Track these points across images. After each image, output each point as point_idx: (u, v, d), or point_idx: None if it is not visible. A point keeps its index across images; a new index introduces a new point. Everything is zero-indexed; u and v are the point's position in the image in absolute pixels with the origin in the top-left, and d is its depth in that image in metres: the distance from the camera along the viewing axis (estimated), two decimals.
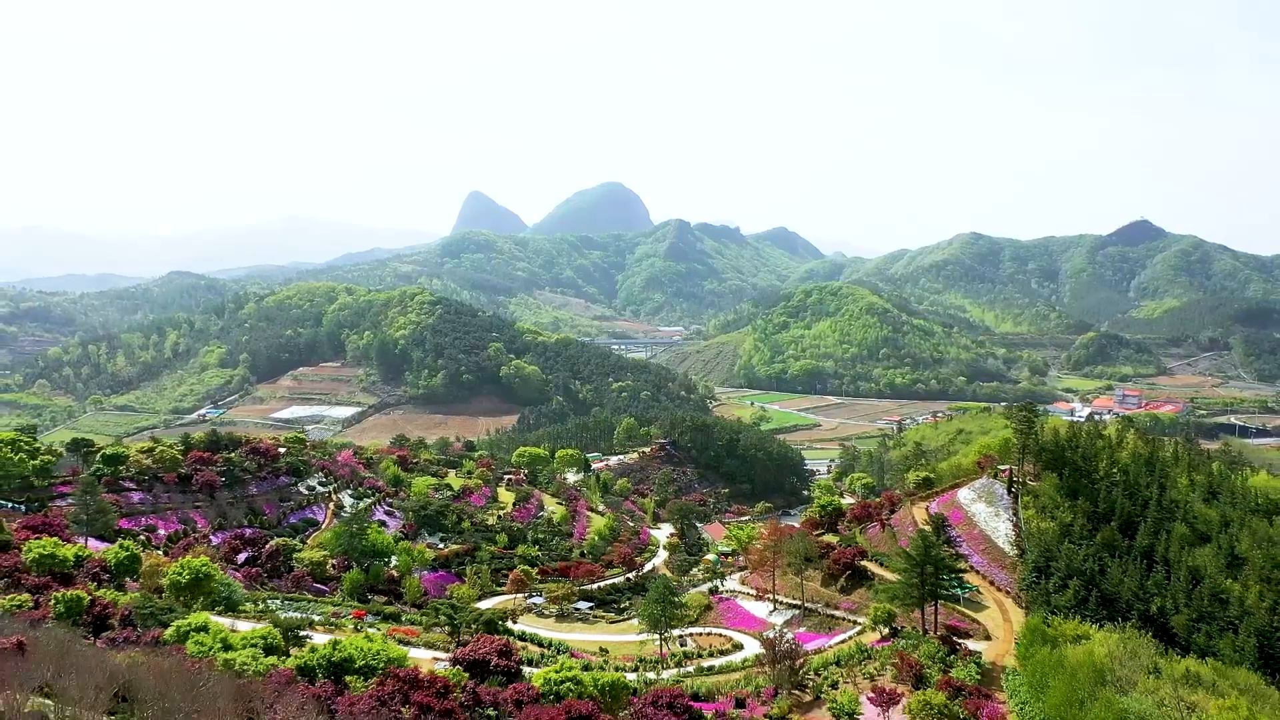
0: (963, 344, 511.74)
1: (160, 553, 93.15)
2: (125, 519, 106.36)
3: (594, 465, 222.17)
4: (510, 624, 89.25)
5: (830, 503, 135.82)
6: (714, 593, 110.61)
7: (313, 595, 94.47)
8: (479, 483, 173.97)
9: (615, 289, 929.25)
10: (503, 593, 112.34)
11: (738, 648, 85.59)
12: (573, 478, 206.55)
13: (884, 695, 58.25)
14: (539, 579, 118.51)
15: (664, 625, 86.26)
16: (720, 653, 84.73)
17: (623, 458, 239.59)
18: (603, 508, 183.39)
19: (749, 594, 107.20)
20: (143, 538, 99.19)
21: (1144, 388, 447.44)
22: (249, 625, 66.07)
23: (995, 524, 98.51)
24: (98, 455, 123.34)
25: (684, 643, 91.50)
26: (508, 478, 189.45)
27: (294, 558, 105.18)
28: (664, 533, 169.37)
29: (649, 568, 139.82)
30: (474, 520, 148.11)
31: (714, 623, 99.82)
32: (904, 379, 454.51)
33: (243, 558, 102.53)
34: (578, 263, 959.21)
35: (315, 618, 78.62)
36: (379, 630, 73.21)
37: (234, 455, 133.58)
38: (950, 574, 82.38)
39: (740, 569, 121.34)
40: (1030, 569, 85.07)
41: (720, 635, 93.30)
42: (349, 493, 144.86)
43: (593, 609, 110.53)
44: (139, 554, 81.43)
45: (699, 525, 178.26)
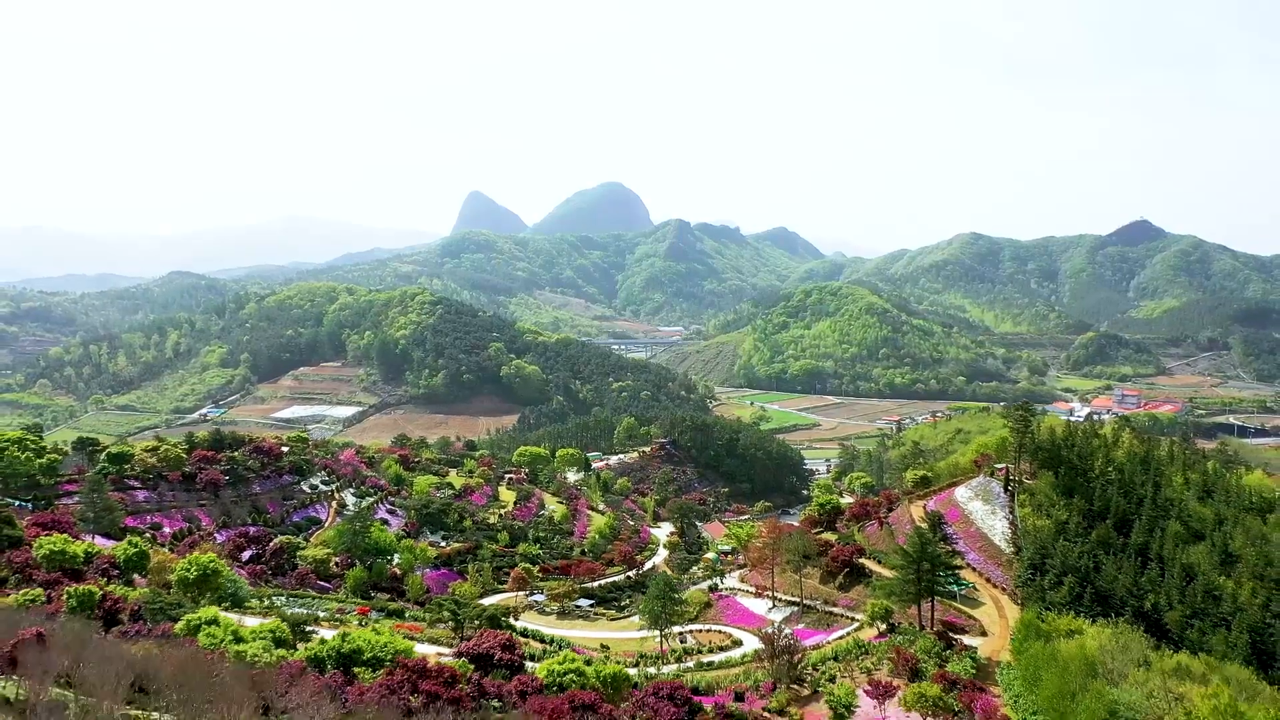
0: (962, 344, 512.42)
1: (167, 550, 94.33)
2: (131, 517, 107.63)
3: (594, 465, 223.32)
4: (512, 621, 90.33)
5: (829, 501, 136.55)
6: (714, 590, 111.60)
7: (316, 592, 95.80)
8: (480, 482, 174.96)
9: (615, 289, 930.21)
10: (504, 590, 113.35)
11: (737, 644, 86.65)
12: (573, 477, 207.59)
13: (880, 688, 59.41)
14: (540, 577, 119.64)
15: (664, 622, 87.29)
16: (720, 649, 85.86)
17: (623, 457, 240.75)
18: (603, 507, 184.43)
19: (748, 591, 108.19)
20: (148, 535, 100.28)
21: (1143, 387, 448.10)
22: (255, 621, 67.15)
23: (992, 522, 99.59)
24: (103, 454, 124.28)
25: (684, 639, 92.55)
26: (509, 477, 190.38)
27: (298, 555, 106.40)
28: (664, 531, 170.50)
29: (649, 566, 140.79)
30: (475, 519, 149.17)
31: (714, 620, 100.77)
32: (903, 379, 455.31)
33: (247, 555, 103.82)
34: (578, 263, 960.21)
35: (320, 614, 79.89)
36: (385, 625, 74.28)
37: (237, 454, 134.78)
38: (946, 570, 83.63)
39: (740, 567, 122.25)
40: (1026, 566, 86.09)
41: (720, 632, 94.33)
42: (351, 491, 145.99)
43: (594, 606, 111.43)
44: (147, 550, 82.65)
45: (699, 524, 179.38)
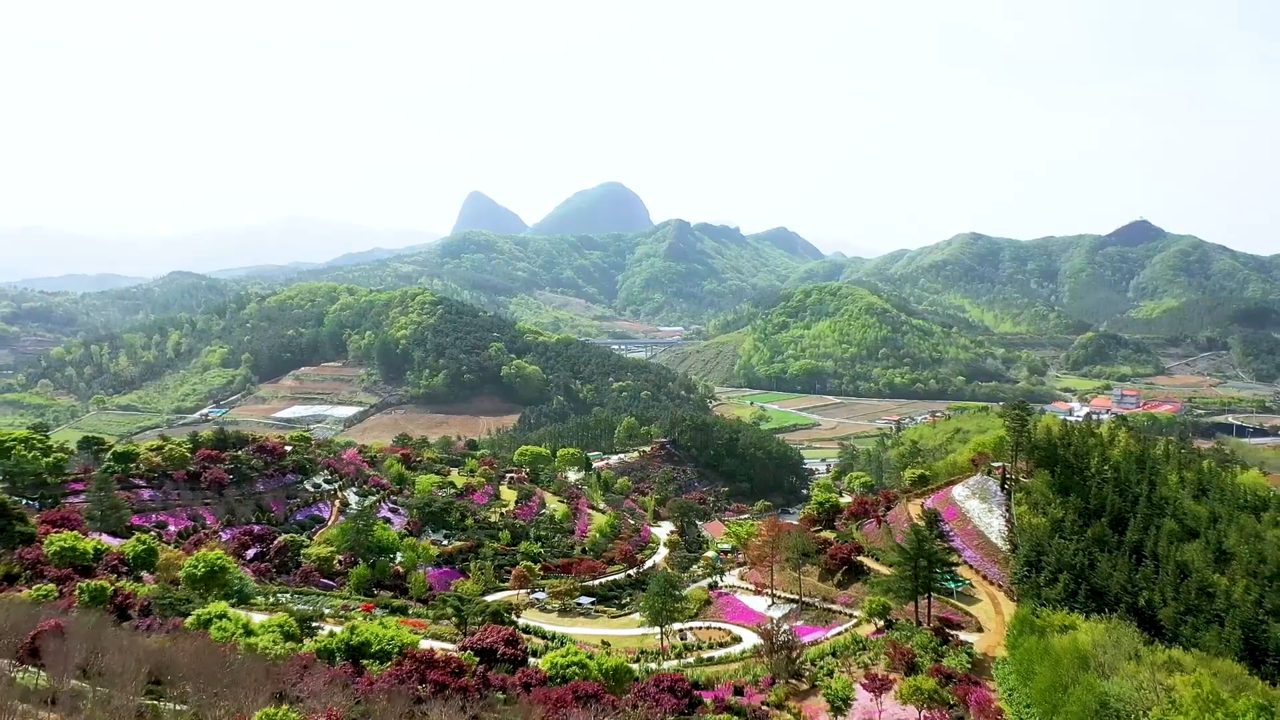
0: (962, 344, 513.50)
1: (173, 548, 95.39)
2: (137, 515, 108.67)
3: (595, 464, 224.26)
4: (514, 618, 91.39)
5: (828, 500, 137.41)
6: (713, 588, 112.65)
7: (320, 590, 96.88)
8: (482, 481, 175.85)
9: (615, 289, 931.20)
10: (506, 588, 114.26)
11: (736, 640, 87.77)
12: (574, 476, 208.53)
13: (876, 681, 60.46)
14: (542, 575, 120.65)
15: (665, 619, 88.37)
16: (719, 645, 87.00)
17: (623, 456, 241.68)
18: (604, 506, 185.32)
19: (748, 589, 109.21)
20: (154, 533, 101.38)
21: (1142, 387, 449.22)
22: (262, 616, 68.23)
23: (988, 520, 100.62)
24: (109, 453, 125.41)
25: (684, 636, 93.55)
26: (510, 476, 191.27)
27: (301, 553, 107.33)
28: (664, 530, 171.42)
29: (649, 564, 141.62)
30: (477, 517, 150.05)
31: (713, 617, 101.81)
32: (903, 379, 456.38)
33: (251, 553, 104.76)
34: (578, 263, 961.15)
35: (326, 610, 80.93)
36: (390, 620, 75.29)
37: (241, 453, 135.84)
38: (943, 567, 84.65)
39: (739, 565, 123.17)
40: (1022, 563, 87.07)
41: (719, 629, 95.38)
42: (354, 490, 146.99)
43: (594, 604, 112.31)
44: (155, 548, 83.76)
45: (699, 523, 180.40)
